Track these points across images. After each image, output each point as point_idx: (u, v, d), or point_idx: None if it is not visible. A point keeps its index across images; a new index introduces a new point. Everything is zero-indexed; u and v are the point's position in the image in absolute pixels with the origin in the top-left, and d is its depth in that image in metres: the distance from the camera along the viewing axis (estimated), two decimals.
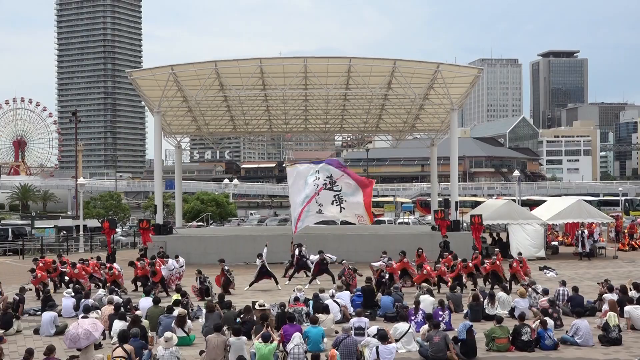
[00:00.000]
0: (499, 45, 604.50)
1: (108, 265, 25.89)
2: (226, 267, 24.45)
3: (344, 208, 28.61)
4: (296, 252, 27.29)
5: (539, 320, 16.65)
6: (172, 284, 24.73)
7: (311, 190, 28.31)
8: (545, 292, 20.40)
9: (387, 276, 23.58)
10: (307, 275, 27.29)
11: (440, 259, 26.87)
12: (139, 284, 24.81)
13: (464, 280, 24.36)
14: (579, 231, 36.65)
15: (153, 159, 69.85)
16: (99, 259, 28.34)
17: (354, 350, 14.45)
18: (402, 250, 25.92)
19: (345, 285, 22.07)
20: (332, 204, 28.50)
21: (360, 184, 29.10)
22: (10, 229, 47.13)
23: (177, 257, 27.05)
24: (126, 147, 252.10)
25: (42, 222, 56.22)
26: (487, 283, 24.38)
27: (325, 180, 28.50)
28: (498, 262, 24.53)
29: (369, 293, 20.64)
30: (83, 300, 20.29)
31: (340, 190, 28.49)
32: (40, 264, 25.45)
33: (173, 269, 25.74)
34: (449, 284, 23.11)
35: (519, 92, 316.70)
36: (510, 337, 16.08)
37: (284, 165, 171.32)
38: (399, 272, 24.54)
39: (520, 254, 26.47)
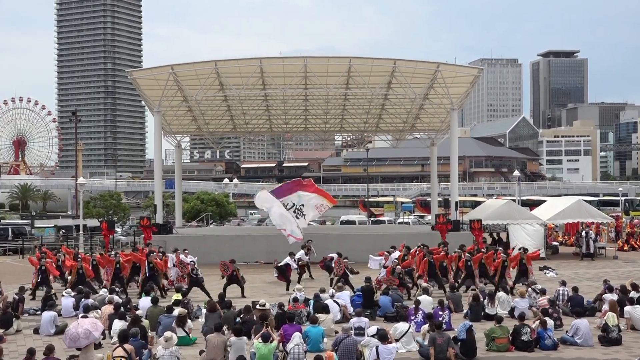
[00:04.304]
0: (499, 45, 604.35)
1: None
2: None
3: (305, 214, 30.29)
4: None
5: (538, 320, 16.66)
6: (182, 283, 24.59)
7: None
8: (543, 291, 20.41)
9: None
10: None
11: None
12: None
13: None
14: (583, 232, 36.61)
15: (153, 159, 69.87)
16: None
17: (353, 350, 14.45)
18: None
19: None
20: (298, 218, 29.93)
21: (301, 188, 30.59)
22: (10, 229, 47.07)
23: (185, 250, 27.18)
24: (126, 147, 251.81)
25: (42, 221, 56.21)
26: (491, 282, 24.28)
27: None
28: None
29: (368, 293, 20.63)
30: (83, 299, 20.29)
31: (293, 205, 30.06)
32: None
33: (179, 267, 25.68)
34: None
35: (519, 92, 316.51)
36: (510, 337, 16.08)
37: (284, 165, 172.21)
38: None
39: (524, 249, 26.46)
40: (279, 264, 25.80)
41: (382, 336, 14.48)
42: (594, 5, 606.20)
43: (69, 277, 24.94)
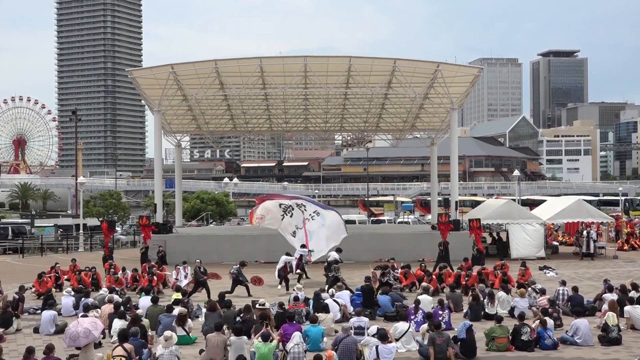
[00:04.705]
0: (499, 45, 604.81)
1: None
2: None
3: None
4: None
5: (538, 320, 16.65)
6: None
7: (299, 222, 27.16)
8: (543, 291, 20.39)
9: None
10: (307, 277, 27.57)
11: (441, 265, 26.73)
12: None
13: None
14: (584, 231, 36.55)
15: (153, 158, 69.88)
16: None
17: (353, 350, 14.44)
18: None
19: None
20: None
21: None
22: (10, 228, 47.03)
23: (184, 263, 26.44)
24: (126, 146, 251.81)
25: (42, 220, 56.24)
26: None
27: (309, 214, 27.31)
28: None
29: (368, 292, 20.62)
30: (83, 299, 20.28)
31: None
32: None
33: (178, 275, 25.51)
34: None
35: (519, 91, 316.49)
36: (510, 337, 16.06)
37: (284, 164, 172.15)
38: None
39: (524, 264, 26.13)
40: (278, 268, 25.62)
41: (382, 336, 14.47)
42: (594, 5, 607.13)
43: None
